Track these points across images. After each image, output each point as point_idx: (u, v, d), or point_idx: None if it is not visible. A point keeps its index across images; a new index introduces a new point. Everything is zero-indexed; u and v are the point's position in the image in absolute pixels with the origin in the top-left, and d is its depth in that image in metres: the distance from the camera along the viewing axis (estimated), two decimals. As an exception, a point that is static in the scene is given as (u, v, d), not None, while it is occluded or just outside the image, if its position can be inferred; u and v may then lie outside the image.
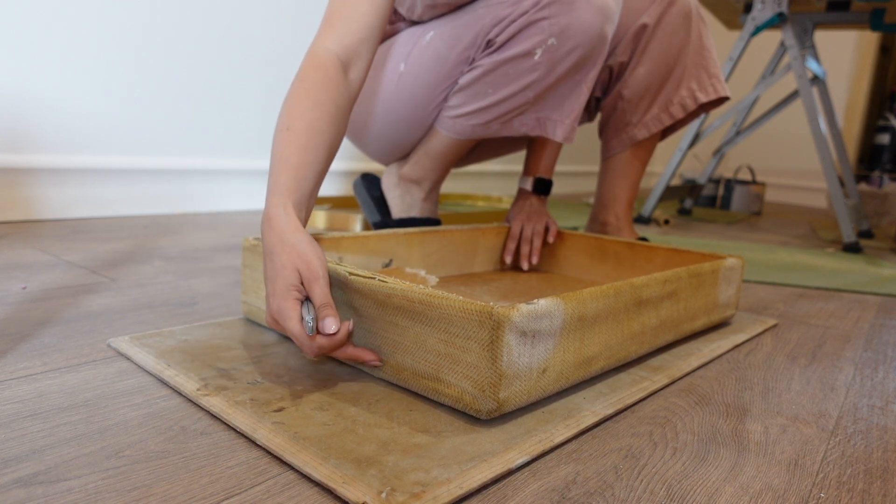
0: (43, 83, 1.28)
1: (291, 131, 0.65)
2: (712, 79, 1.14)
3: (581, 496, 0.43)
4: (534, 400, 0.54)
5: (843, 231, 1.70)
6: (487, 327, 0.48)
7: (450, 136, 1.03)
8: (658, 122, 1.16)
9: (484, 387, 0.49)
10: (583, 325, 0.57)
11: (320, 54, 0.71)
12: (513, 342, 0.49)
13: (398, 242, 0.92)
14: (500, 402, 0.50)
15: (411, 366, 0.55)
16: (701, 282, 0.76)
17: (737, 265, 0.85)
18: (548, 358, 0.53)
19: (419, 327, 0.53)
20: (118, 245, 1.11)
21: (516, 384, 0.51)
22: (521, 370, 0.51)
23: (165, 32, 1.45)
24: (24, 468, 0.41)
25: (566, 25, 0.90)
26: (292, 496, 0.40)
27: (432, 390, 0.53)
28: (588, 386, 0.61)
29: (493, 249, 1.09)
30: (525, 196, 1.13)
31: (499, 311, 0.48)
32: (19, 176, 1.27)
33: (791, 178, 3.41)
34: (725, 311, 0.85)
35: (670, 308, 0.71)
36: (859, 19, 1.90)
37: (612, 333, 0.62)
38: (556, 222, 1.10)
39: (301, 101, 0.67)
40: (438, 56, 0.98)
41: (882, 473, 0.50)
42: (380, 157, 1.15)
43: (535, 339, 0.51)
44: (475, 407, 0.50)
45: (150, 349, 0.61)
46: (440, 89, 1.00)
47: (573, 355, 0.57)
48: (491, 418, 0.51)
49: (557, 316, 0.53)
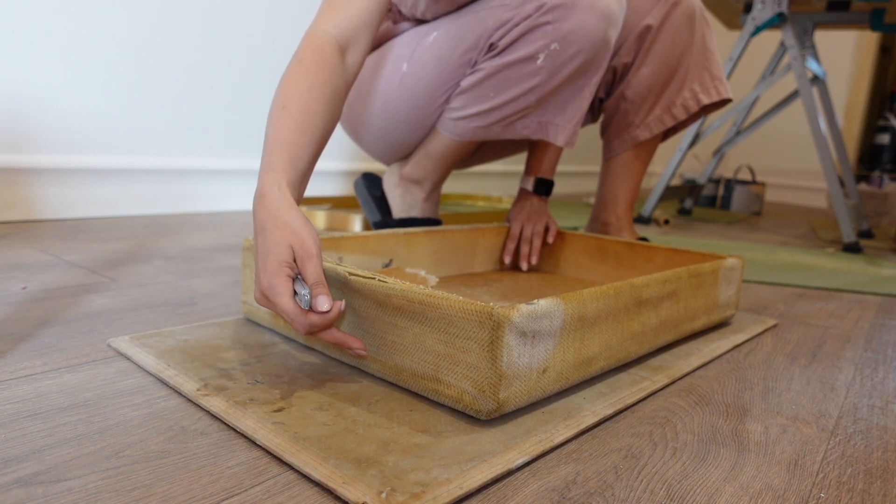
0: (43, 83, 1.28)
1: (287, 111, 0.64)
2: (715, 80, 1.14)
3: (581, 496, 0.43)
4: (534, 400, 0.54)
5: (843, 231, 1.70)
6: (487, 328, 0.48)
7: (451, 138, 1.03)
8: (660, 123, 1.16)
9: (484, 387, 0.49)
10: (583, 325, 0.57)
11: (319, 36, 0.71)
12: (513, 342, 0.49)
13: (398, 242, 0.92)
14: (501, 402, 0.50)
15: (410, 366, 0.55)
16: (701, 282, 0.76)
17: (737, 265, 0.85)
18: (548, 358, 0.53)
19: (418, 328, 0.53)
20: (118, 245, 1.11)
21: (516, 384, 0.51)
22: (521, 370, 0.51)
23: (166, 32, 1.45)
24: (24, 468, 0.41)
25: (569, 30, 0.89)
26: (292, 496, 0.40)
27: (432, 391, 0.53)
28: (588, 386, 0.61)
29: (494, 249, 1.09)
30: (526, 196, 1.13)
31: (499, 311, 0.48)
32: (19, 176, 1.27)
33: (791, 178, 3.41)
34: (725, 311, 0.85)
35: (670, 308, 0.71)
36: (859, 19, 1.89)
37: (613, 333, 0.62)
38: (556, 222, 1.10)
39: (298, 81, 0.67)
40: (441, 57, 0.98)
41: (882, 473, 0.50)
42: (381, 156, 1.15)
43: (536, 339, 0.51)
44: (475, 407, 0.50)
45: (150, 349, 0.61)
46: (442, 90, 1.00)
47: (573, 355, 0.56)
48: (491, 419, 0.51)
49: (557, 316, 0.53)
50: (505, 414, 0.52)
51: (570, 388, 0.60)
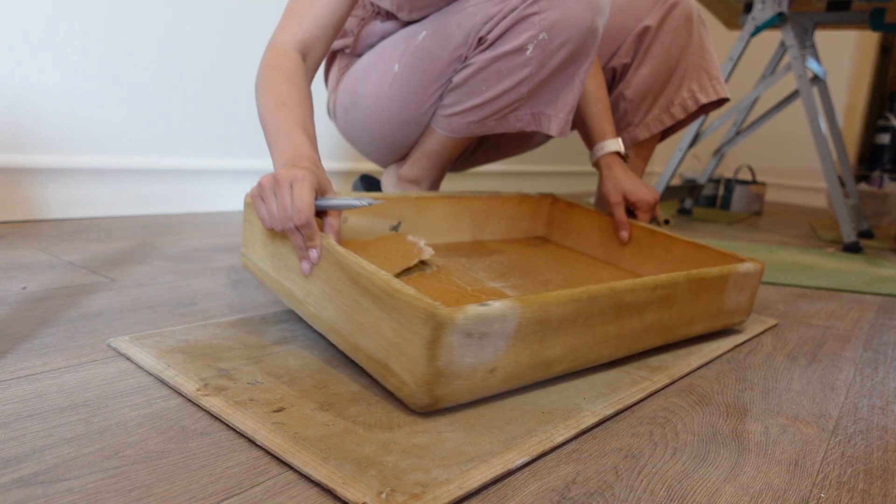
0: (43, 83, 1.28)
1: (287, 106, 0.72)
2: (713, 80, 1.14)
3: (581, 496, 0.43)
4: (480, 398, 0.54)
5: (843, 231, 1.70)
6: (430, 326, 0.48)
7: (446, 135, 1.03)
8: (659, 123, 1.16)
9: (421, 382, 0.49)
10: (544, 328, 0.55)
11: (281, 46, 0.79)
12: (455, 343, 0.49)
13: (408, 207, 0.90)
14: (436, 398, 0.50)
15: (366, 347, 0.55)
16: (703, 287, 0.73)
17: (753, 270, 0.80)
18: (497, 359, 0.53)
19: (379, 312, 0.53)
20: (118, 245, 1.11)
21: (456, 383, 0.51)
22: (463, 370, 0.50)
23: (166, 32, 1.45)
24: (24, 468, 0.41)
25: (556, 20, 0.90)
26: (292, 496, 0.40)
27: (381, 376, 0.53)
28: (588, 386, 0.61)
29: (507, 219, 1.05)
30: (615, 163, 1.07)
31: (442, 312, 0.47)
32: (19, 176, 1.27)
33: (791, 178, 3.41)
34: (734, 318, 0.81)
35: (660, 313, 0.68)
36: (859, 19, 1.89)
37: (581, 337, 0.60)
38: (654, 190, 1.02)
39: (283, 82, 0.75)
40: (431, 55, 0.98)
41: (882, 473, 0.50)
42: (378, 158, 1.15)
43: (484, 340, 0.51)
44: (412, 400, 0.51)
45: (150, 349, 0.61)
46: (434, 88, 1.00)
47: (529, 357, 0.55)
48: (427, 412, 0.52)
49: (512, 319, 0.52)
50: (442, 409, 0.53)
51: (570, 387, 0.60)
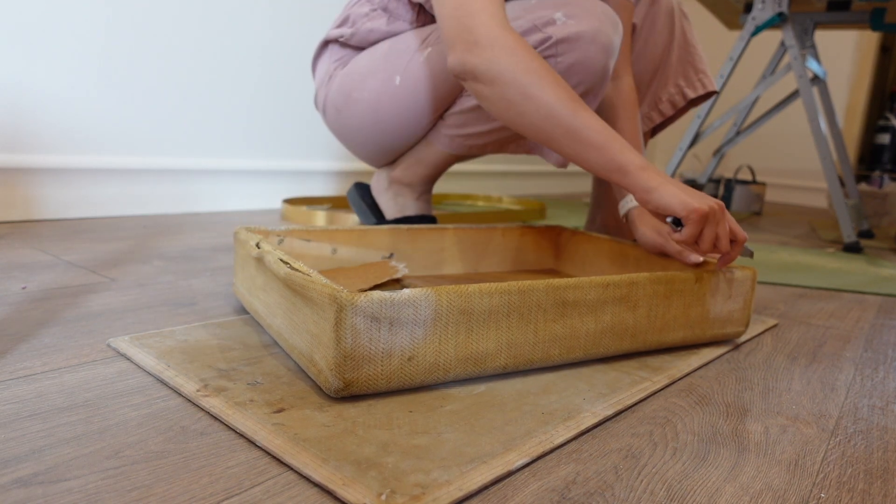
0: (43, 83, 1.28)
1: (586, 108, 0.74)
2: (699, 74, 1.14)
3: (581, 496, 0.43)
4: (399, 387, 0.55)
5: (844, 231, 1.70)
6: (333, 309, 0.50)
7: (445, 151, 1.03)
8: (648, 121, 1.16)
9: (332, 365, 0.51)
10: (469, 318, 0.56)
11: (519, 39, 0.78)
12: (360, 325, 0.51)
13: (400, 238, 0.91)
14: (347, 382, 0.52)
15: (298, 345, 0.57)
16: (672, 291, 0.70)
17: (744, 277, 0.76)
18: (415, 346, 0.54)
19: (305, 308, 0.55)
20: (118, 245, 1.11)
21: (368, 367, 0.52)
22: (374, 354, 0.52)
23: (166, 32, 1.45)
24: (24, 468, 0.41)
25: (572, 64, 0.89)
26: (292, 496, 0.40)
27: (307, 367, 0.56)
28: (588, 386, 0.61)
29: (506, 250, 1.05)
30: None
31: (342, 294, 0.50)
32: (19, 176, 1.27)
33: (791, 178, 3.41)
34: (725, 328, 0.77)
35: (620, 315, 0.66)
36: (859, 19, 1.89)
37: (518, 333, 0.60)
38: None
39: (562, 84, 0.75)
40: (436, 76, 0.97)
41: (882, 474, 0.50)
42: (370, 160, 1.14)
43: (395, 325, 0.52)
44: (327, 385, 0.53)
45: (150, 349, 0.61)
46: (436, 106, 1.00)
47: (455, 349, 0.56)
48: (340, 396, 0.53)
49: (426, 307, 0.54)
50: (356, 395, 0.54)
51: (568, 387, 0.60)
